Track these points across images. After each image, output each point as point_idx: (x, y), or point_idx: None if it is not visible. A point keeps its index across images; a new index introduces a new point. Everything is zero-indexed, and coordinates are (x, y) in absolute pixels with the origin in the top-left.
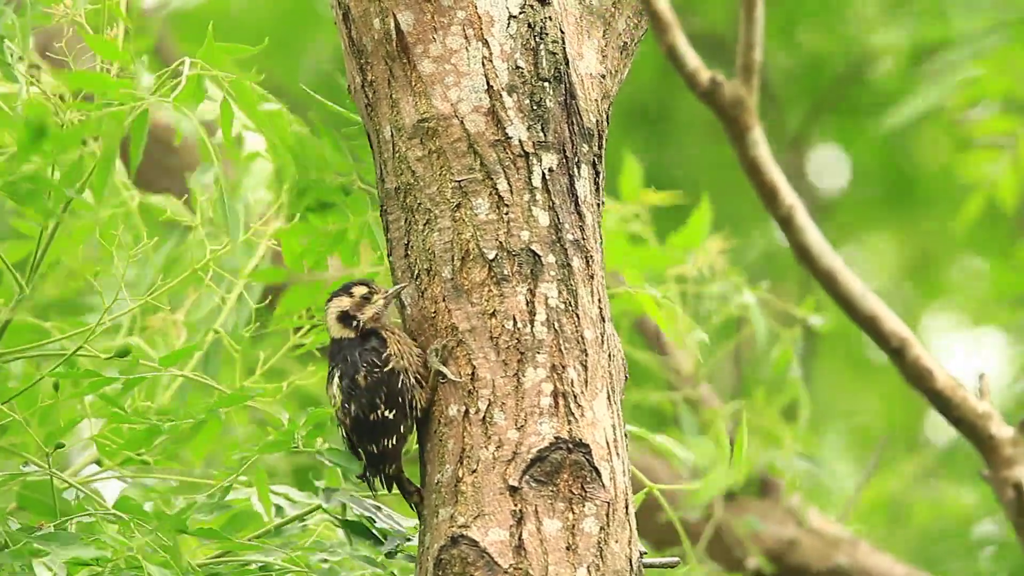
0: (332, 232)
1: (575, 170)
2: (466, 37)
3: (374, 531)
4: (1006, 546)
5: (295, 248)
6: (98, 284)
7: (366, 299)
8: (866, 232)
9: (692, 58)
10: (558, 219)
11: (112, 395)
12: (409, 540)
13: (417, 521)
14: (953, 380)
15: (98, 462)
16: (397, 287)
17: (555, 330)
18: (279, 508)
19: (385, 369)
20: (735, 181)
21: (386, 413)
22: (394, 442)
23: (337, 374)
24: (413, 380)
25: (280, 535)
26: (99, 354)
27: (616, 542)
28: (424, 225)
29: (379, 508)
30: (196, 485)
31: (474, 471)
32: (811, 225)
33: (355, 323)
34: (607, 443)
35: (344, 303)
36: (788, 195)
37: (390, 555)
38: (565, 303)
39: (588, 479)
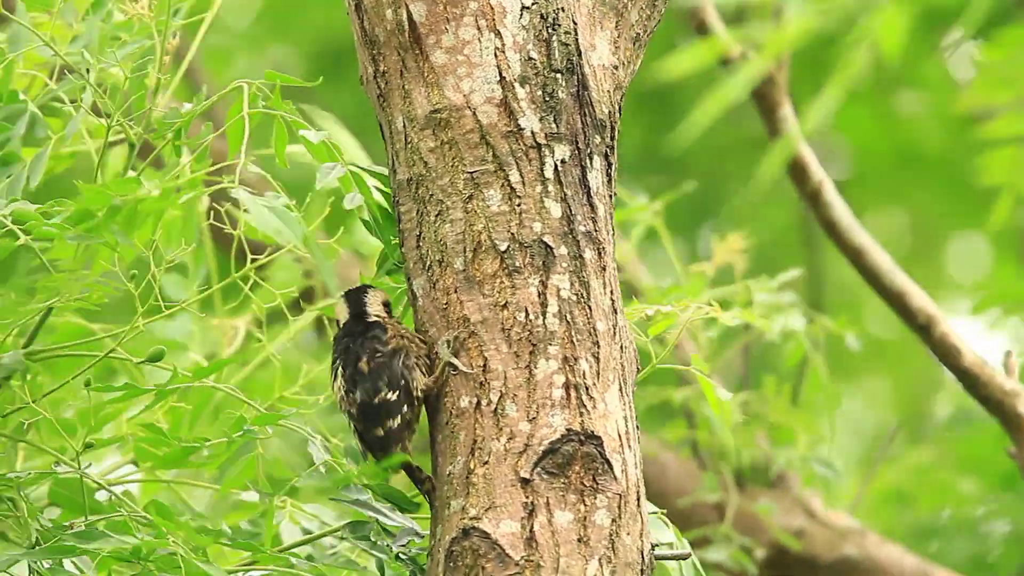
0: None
1: (587, 161)
2: (478, 28)
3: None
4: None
5: None
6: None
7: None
8: (871, 216)
9: (722, 34)
10: (570, 211)
11: (148, 423)
12: (420, 536)
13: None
14: (980, 358)
15: (134, 462)
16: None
17: (567, 322)
18: (307, 531)
19: (386, 351)
20: (732, 167)
21: (389, 395)
22: (399, 423)
23: (339, 366)
24: (413, 360)
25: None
26: (131, 358)
27: (628, 534)
28: (436, 216)
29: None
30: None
31: (486, 463)
32: (839, 201)
33: (389, 311)
34: (619, 435)
35: (383, 296)
36: (816, 171)
37: (401, 551)
38: (577, 295)
39: (600, 471)
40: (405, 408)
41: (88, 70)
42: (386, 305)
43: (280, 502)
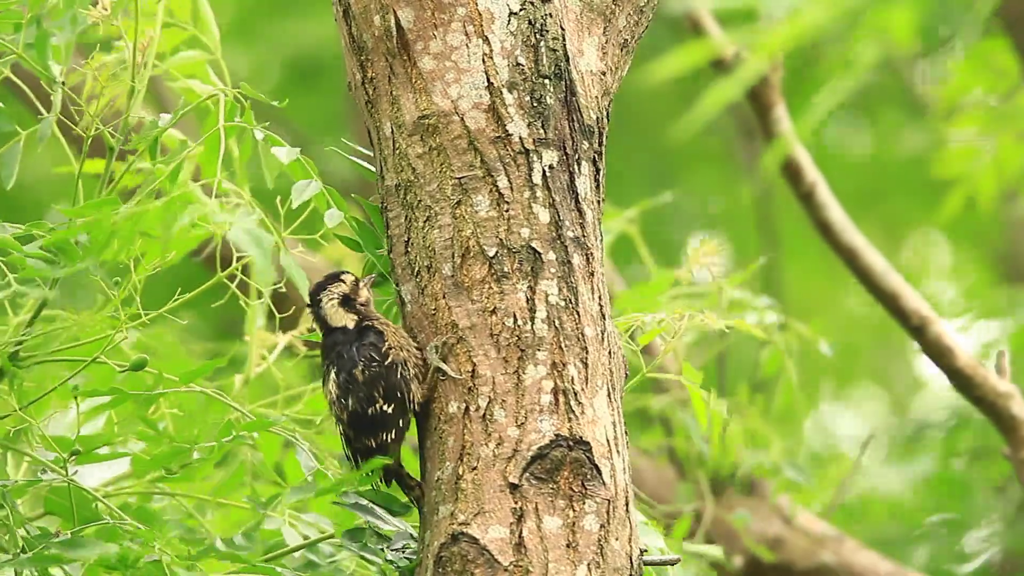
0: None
1: (575, 167)
2: (466, 34)
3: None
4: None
5: None
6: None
7: (356, 284)
8: None
9: (716, 33)
10: (558, 216)
11: (143, 416)
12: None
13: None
14: (974, 359)
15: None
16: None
17: (555, 327)
18: (307, 539)
19: (385, 363)
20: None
21: (384, 407)
22: (392, 436)
23: (333, 370)
24: (412, 372)
25: (313, 569)
26: (114, 365)
27: (616, 539)
28: (424, 222)
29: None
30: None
31: (474, 468)
32: (833, 202)
33: (356, 306)
34: (607, 440)
35: (343, 288)
36: (811, 171)
37: (396, 553)
38: (565, 300)
39: (588, 476)
40: (400, 421)
41: (62, 81)
42: (349, 299)
43: (277, 509)
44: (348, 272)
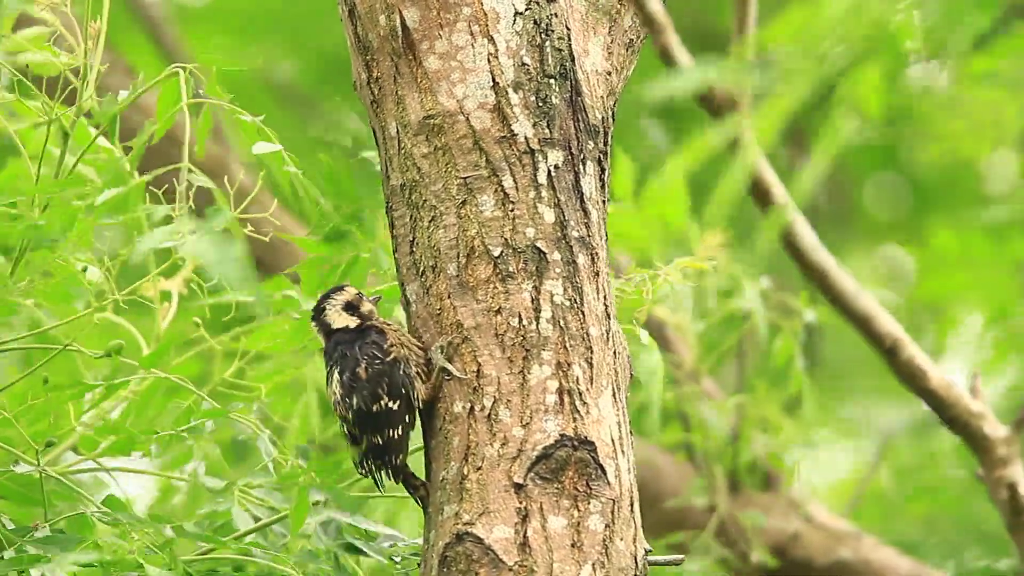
0: (347, 262)
1: (580, 167)
2: (472, 34)
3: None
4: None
5: (313, 280)
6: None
7: (360, 296)
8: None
9: (685, 59)
10: (563, 216)
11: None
12: (403, 541)
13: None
14: (946, 380)
15: (74, 450)
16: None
17: (560, 327)
18: (258, 520)
19: (387, 360)
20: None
21: (389, 404)
22: (399, 432)
23: (336, 371)
24: (414, 370)
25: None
26: (88, 352)
27: (621, 539)
28: (429, 222)
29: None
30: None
31: (479, 468)
32: (801, 220)
33: (359, 311)
34: (612, 440)
35: (346, 296)
36: (779, 194)
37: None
38: (570, 300)
39: (593, 476)
40: (407, 418)
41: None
42: (352, 305)
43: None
44: (351, 286)
